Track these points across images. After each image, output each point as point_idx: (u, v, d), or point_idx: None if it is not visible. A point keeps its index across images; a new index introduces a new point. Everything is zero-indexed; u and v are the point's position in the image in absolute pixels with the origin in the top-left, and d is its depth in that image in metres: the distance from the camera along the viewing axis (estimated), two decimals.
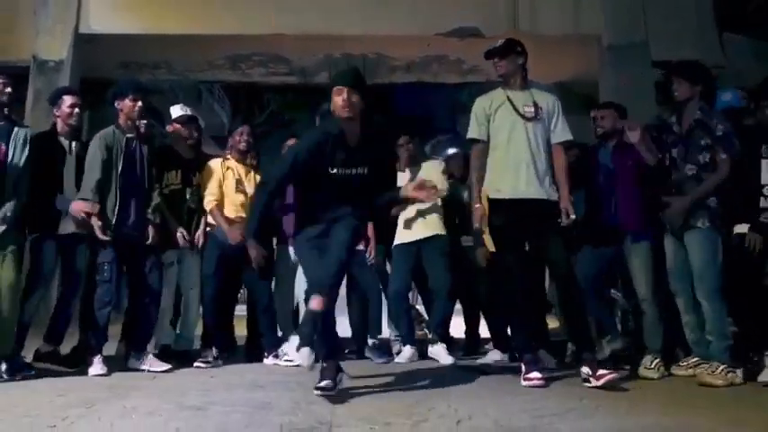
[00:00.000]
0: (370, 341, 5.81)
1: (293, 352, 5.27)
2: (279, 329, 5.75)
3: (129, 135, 4.96)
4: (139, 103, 4.99)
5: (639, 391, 4.06)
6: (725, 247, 4.49)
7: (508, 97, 4.48)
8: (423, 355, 5.62)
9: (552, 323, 5.98)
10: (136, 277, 4.96)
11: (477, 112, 4.56)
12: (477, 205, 4.43)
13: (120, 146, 4.89)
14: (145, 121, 5.24)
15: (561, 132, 4.50)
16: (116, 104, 5.01)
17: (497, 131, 4.47)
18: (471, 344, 6.26)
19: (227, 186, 5.49)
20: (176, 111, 5.57)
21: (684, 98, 4.63)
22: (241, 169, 5.60)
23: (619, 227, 4.92)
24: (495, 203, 4.40)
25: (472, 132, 4.56)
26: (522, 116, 4.42)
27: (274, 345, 5.43)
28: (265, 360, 5.40)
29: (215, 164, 5.59)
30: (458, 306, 6.34)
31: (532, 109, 4.43)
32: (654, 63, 8.34)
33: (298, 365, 5.15)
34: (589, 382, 4.10)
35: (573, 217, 4.30)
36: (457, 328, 6.47)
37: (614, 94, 7.15)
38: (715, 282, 4.39)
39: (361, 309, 5.95)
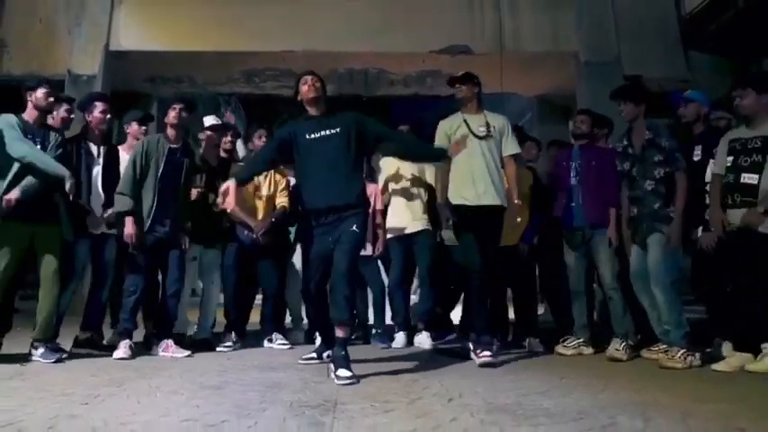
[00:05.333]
0: (374, 329, 5.78)
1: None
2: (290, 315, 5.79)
3: (172, 146, 4.85)
4: (175, 112, 4.87)
5: (613, 372, 4.06)
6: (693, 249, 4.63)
7: (465, 120, 4.67)
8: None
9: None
10: (161, 273, 4.90)
11: (440, 133, 4.75)
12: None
13: (162, 152, 4.78)
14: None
15: (510, 147, 4.72)
16: (165, 119, 4.92)
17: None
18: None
19: (245, 192, 5.36)
20: (209, 120, 5.49)
21: (631, 118, 4.72)
22: (260, 175, 5.44)
23: (584, 223, 4.99)
24: (458, 208, 4.57)
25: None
26: (476, 135, 4.60)
27: (271, 331, 5.42)
28: (263, 342, 5.41)
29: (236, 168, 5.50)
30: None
31: (484, 128, 4.62)
32: (625, 77, 8.37)
33: (291, 347, 5.24)
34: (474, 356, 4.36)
35: (519, 220, 4.63)
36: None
37: (590, 106, 7.16)
38: (667, 276, 4.42)
39: (366, 300, 5.96)
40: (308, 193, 4.14)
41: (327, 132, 4.11)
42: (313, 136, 4.12)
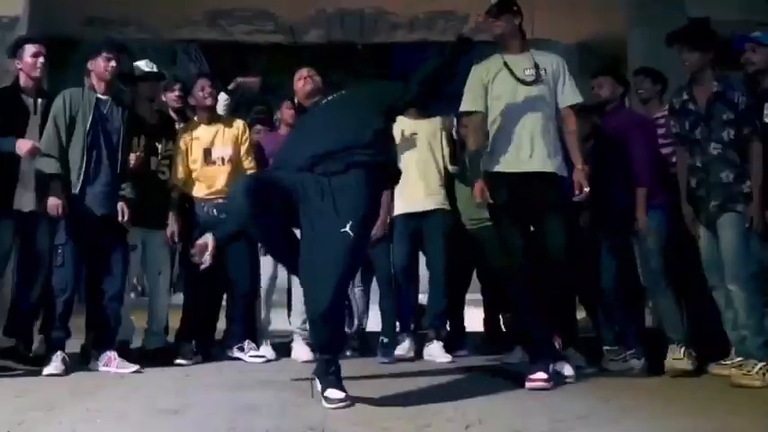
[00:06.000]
0: (381, 338, 5.69)
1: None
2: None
3: (101, 96, 4.88)
4: (112, 63, 4.88)
5: (671, 392, 4.06)
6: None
7: (505, 63, 4.44)
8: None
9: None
10: (97, 263, 4.87)
11: (473, 82, 4.53)
12: (478, 179, 4.38)
13: (89, 105, 4.81)
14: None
15: (570, 95, 4.48)
16: (88, 65, 4.93)
17: (497, 100, 4.44)
18: (491, 339, 6.15)
19: (195, 160, 5.39)
20: (141, 67, 5.46)
21: (696, 69, 4.63)
22: (209, 134, 5.44)
23: (627, 205, 4.94)
24: (496, 178, 4.37)
25: (466, 104, 4.55)
26: (522, 81, 4.39)
27: (241, 336, 5.42)
28: (228, 352, 5.43)
29: (180, 134, 5.52)
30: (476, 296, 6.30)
31: (533, 71, 4.40)
32: (689, 20, 8.28)
33: (268, 360, 5.22)
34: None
35: (587, 190, 4.29)
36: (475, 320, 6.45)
37: (644, 56, 7.12)
38: (746, 267, 4.38)
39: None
40: (303, 149, 3.81)
41: (330, 98, 4.06)
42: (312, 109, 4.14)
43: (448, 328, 5.93)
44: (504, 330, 6.12)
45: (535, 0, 8.55)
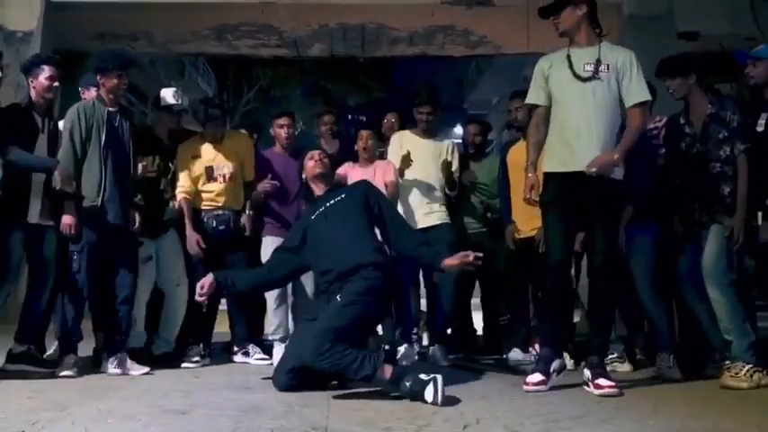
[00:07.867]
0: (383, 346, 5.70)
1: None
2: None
3: (110, 109, 4.87)
4: (125, 80, 4.92)
5: (663, 394, 4.05)
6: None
7: (568, 56, 4.24)
8: (424, 355, 5.62)
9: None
10: (112, 269, 4.87)
11: (536, 74, 4.37)
12: (530, 174, 4.26)
13: (102, 118, 4.79)
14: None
15: (636, 92, 4.18)
16: (98, 78, 4.91)
17: (554, 94, 4.27)
18: (492, 341, 6.12)
19: (197, 176, 5.37)
20: (169, 97, 5.42)
21: (683, 93, 4.63)
22: (211, 151, 5.43)
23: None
24: (546, 177, 4.28)
25: (529, 97, 4.42)
26: (578, 76, 4.17)
27: (244, 340, 5.42)
28: (234, 357, 5.42)
29: (183, 150, 5.47)
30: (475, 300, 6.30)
31: (592, 67, 4.17)
32: (679, 34, 8.27)
33: (271, 363, 5.13)
34: (588, 386, 4.05)
35: (593, 170, 4.01)
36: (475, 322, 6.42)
37: None
38: (726, 275, 4.39)
39: None
40: (318, 263, 4.31)
41: (332, 202, 4.37)
42: (317, 212, 4.37)
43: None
44: (501, 333, 6.10)
45: (531, 15, 8.60)
